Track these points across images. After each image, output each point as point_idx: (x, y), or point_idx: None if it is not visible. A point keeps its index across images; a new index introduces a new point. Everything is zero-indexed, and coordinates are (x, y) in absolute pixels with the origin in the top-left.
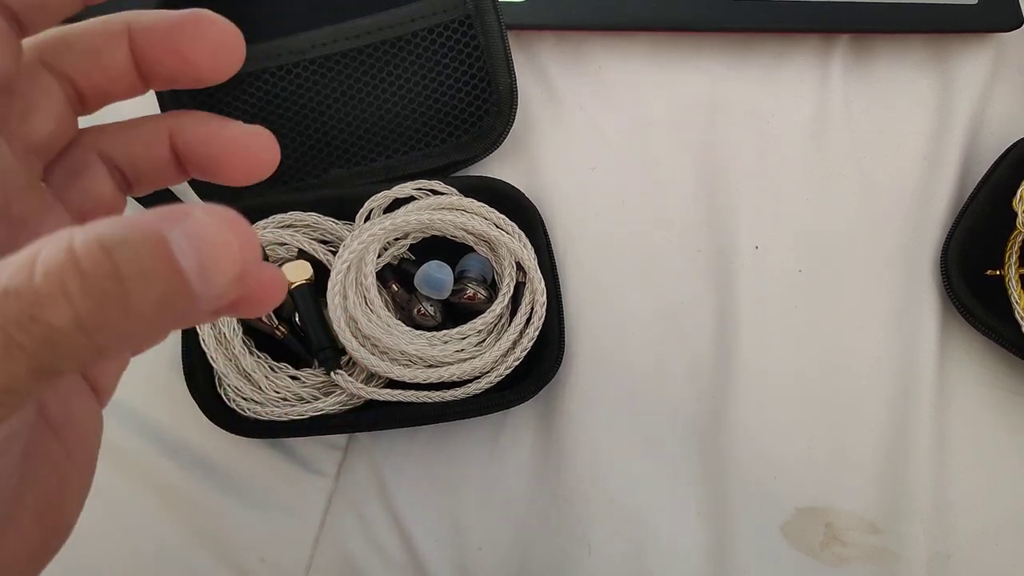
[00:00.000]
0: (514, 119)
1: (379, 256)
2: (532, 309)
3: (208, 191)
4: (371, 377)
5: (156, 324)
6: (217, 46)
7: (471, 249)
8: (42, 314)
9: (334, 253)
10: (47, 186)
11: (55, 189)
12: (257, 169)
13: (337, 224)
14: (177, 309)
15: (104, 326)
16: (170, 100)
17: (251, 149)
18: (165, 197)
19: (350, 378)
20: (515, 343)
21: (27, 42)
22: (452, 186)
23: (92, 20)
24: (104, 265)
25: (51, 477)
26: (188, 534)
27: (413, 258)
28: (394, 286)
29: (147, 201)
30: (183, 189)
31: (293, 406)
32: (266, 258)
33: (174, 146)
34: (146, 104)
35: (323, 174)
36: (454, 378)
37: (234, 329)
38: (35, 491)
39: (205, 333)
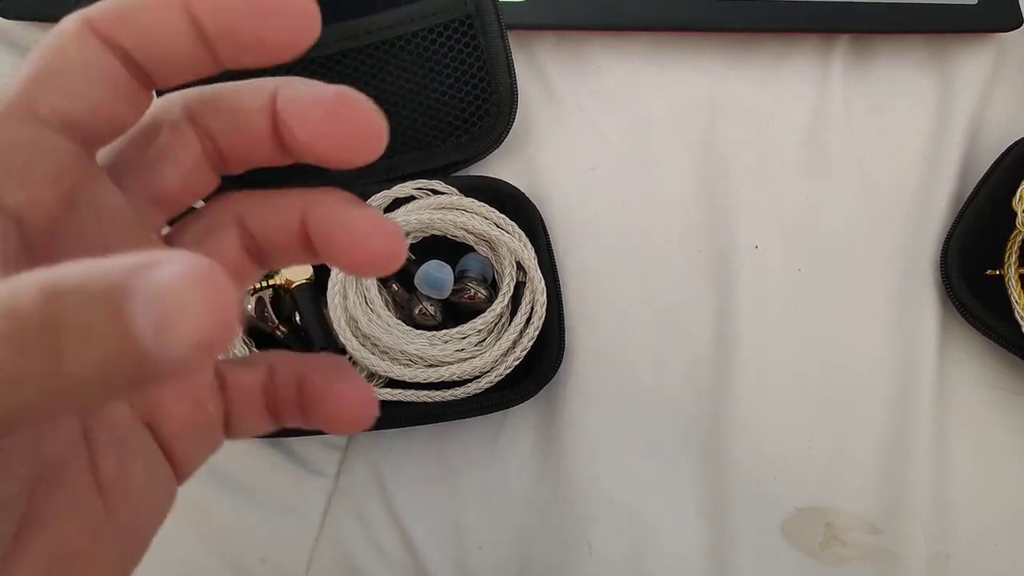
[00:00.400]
0: (514, 119)
1: None
2: (532, 309)
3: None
4: (371, 377)
5: (95, 387)
6: (359, 136)
7: (471, 249)
8: None
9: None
10: (176, 239)
11: (184, 244)
12: (378, 266)
13: None
14: (123, 374)
15: (25, 380)
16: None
17: (377, 247)
18: None
19: None
20: (515, 343)
21: (177, 94)
22: (452, 186)
23: (249, 80)
24: (42, 315)
25: (74, 532)
26: (188, 534)
27: (413, 257)
28: (394, 286)
29: None
30: None
31: None
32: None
33: (305, 221)
34: None
35: (323, 174)
36: (454, 378)
37: None
38: (45, 538)
39: None
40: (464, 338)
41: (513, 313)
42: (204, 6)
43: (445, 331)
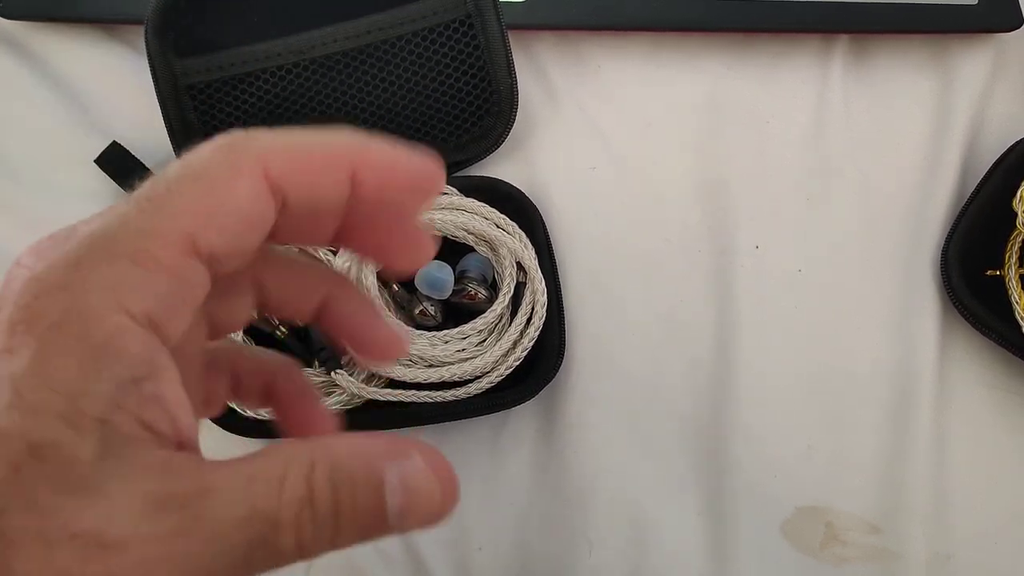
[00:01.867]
0: (514, 119)
1: None
2: (533, 309)
3: None
4: (371, 377)
5: (350, 544)
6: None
7: (471, 249)
8: (276, 538)
9: (335, 253)
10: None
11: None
12: (379, 363)
13: None
14: (368, 537)
15: (315, 550)
16: (171, 101)
17: (383, 351)
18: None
19: (351, 378)
20: (516, 343)
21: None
22: (452, 186)
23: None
24: (331, 503)
25: None
26: None
27: None
28: (395, 286)
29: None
30: None
31: None
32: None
33: (323, 307)
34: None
35: None
36: (455, 378)
37: None
38: None
39: None
40: (464, 338)
41: (513, 313)
42: (369, 175)
43: (445, 331)
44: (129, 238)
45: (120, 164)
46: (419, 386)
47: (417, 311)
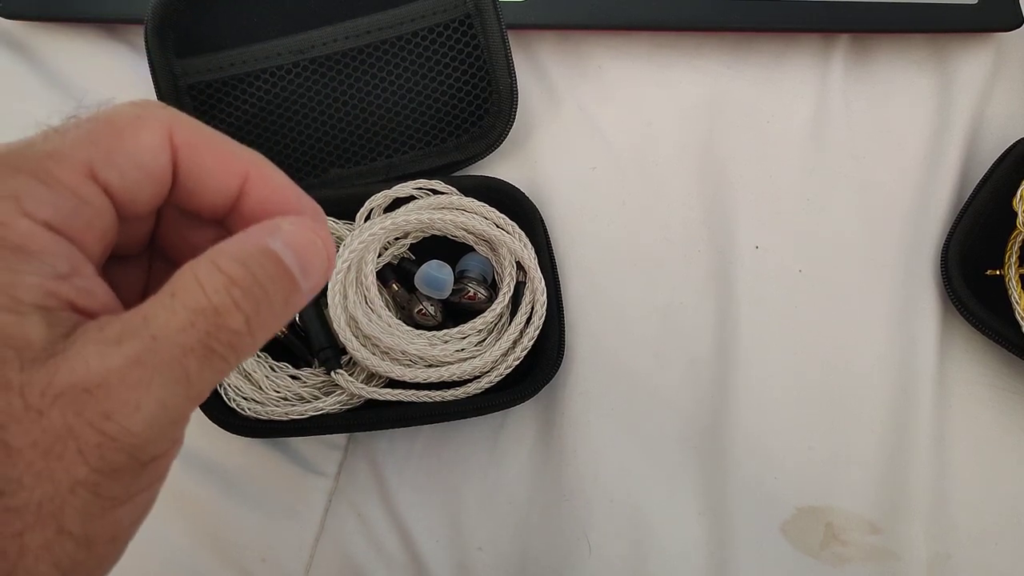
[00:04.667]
0: (514, 118)
1: (379, 256)
2: (532, 309)
3: None
4: (371, 377)
5: (284, 316)
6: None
7: (471, 249)
8: (225, 323)
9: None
10: None
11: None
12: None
13: (337, 224)
14: (294, 302)
15: (261, 323)
16: (171, 101)
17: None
18: None
19: (350, 378)
20: (515, 343)
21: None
22: (452, 185)
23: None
24: (249, 277)
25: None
26: (189, 534)
27: (413, 258)
28: (394, 286)
29: None
30: None
31: (293, 406)
32: None
33: (244, 180)
34: None
35: (323, 174)
36: (454, 378)
37: None
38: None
39: None
40: (464, 338)
41: (513, 313)
42: (259, 189)
43: (445, 331)
44: (33, 158)
45: None
46: (419, 386)
47: (417, 311)
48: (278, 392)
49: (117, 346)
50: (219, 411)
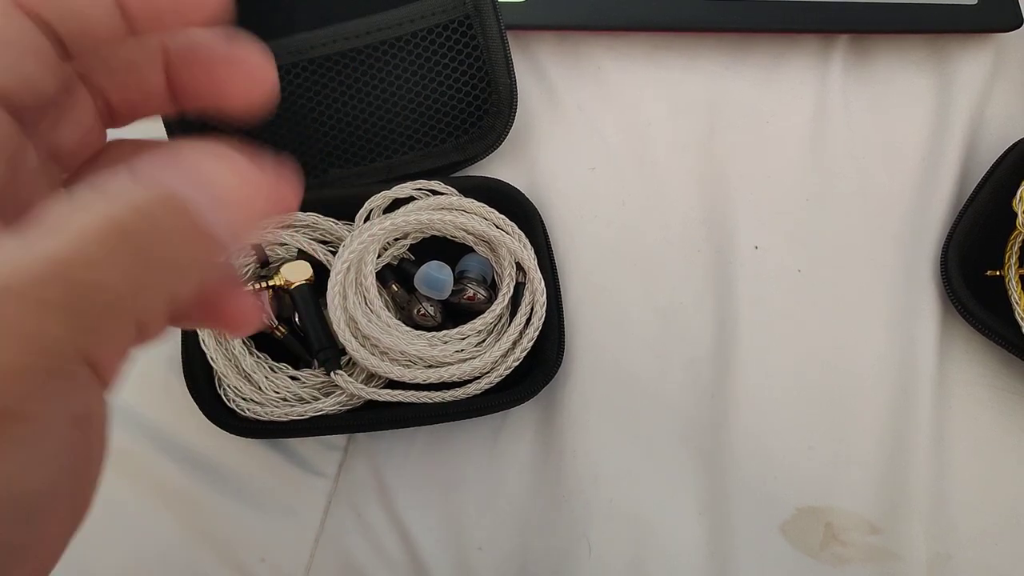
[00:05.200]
0: (514, 119)
1: (379, 256)
2: (532, 309)
3: None
4: (371, 377)
5: (191, 275)
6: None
7: (471, 249)
8: (99, 278)
9: (334, 253)
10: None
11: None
12: (254, 94)
13: (337, 224)
14: (205, 256)
15: (157, 284)
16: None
17: (251, 71)
18: None
19: (350, 378)
20: (515, 343)
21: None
22: (452, 186)
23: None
24: (142, 223)
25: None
26: (188, 534)
27: (413, 258)
28: (394, 286)
29: None
30: None
31: (293, 406)
32: (266, 261)
33: (169, 66)
34: None
35: (323, 174)
36: (454, 378)
37: None
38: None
39: (204, 333)
40: (464, 339)
41: (513, 314)
42: None
43: (445, 332)
44: None
45: None
46: (418, 386)
47: (416, 311)
48: (277, 393)
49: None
50: (219, 412)
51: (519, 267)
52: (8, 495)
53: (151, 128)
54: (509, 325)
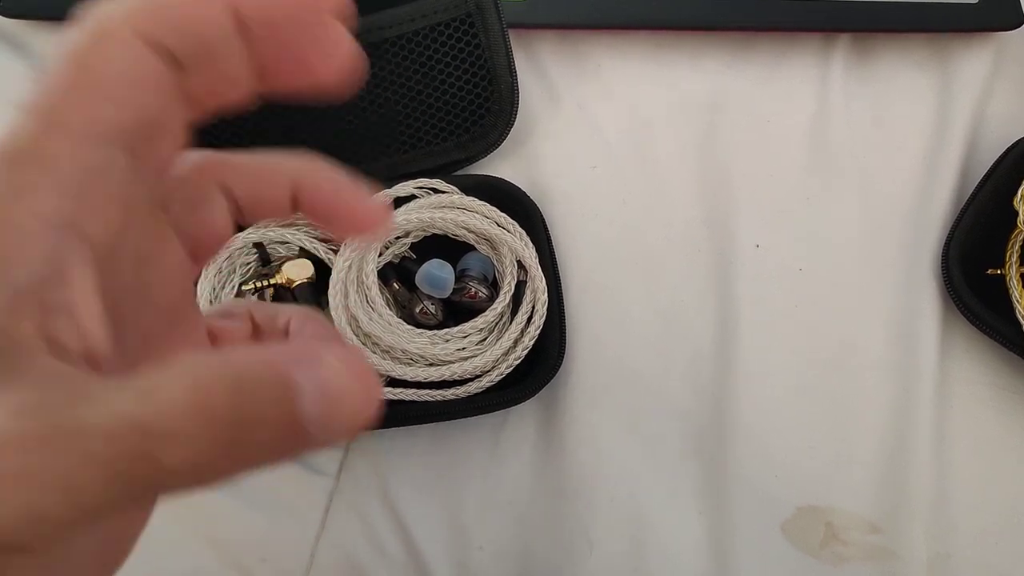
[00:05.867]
0: (515, 118)
1: (380, 255)
2: (533, 308)
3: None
4: None
5: (257, 464)
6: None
7: (472, 248)
8: (160, 453)
9: (335, 252)
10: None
11: (172, 217)
12: (365, 238)
13: None
14: (285, 452)
15: (221, 470)
16: None
17: (368, 223)
18: None
19: None
20: (516, 342)
21: (202, 154)
22: (453, 185)
23: (266, 157)
24: (231, 409)
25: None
26: (189, 534)
27: (414, 257)
28: (395, 285)
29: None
30: None
31: None
32: (268, 260)
33: (295, 192)
34: None
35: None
36: (455, 377)
37: None
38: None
39: None
40: (465, 337)
41: (514, 312)
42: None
43: (446, 330)
44: (29, 140)
45: None
46: (419, 384)
47: (418, 310)
48: None
49: (18, 417)
50: None
51: (520, 265)
52: None
53: None
54: (510, 323)
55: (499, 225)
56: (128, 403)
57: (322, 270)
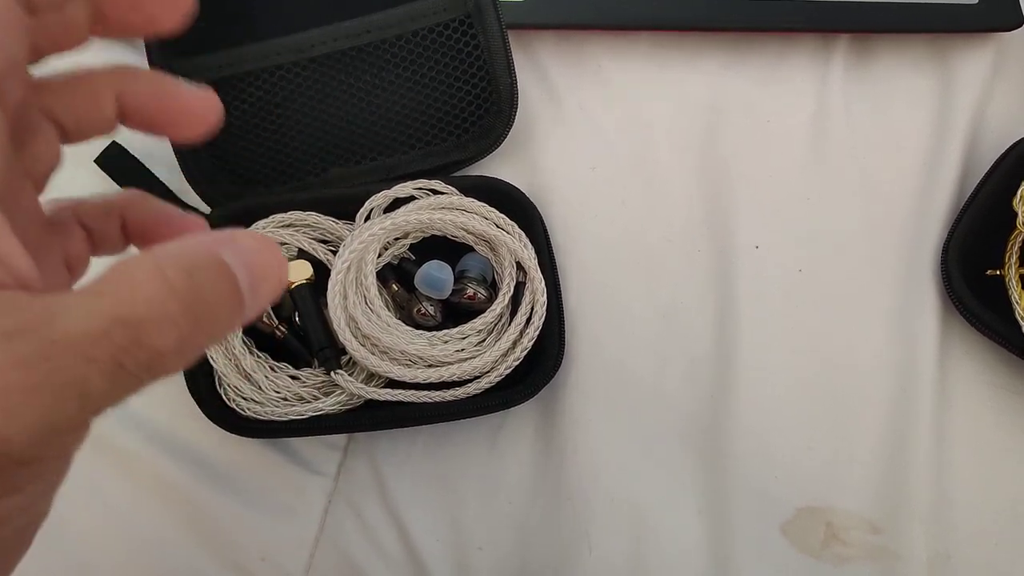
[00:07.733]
0: (514, 118)
1: (379, 256)
2: (532, 309)
3: (211, 195)
4: (371, 377)
5: (219, 337)
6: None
7: (471, 249)
8: (150, 340)
9: (334, 253)
10: None
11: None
12: (200, 131)
13: (337, 224)
14: (236, 321)
15: (194, 344)
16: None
17: (198, 113)
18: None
19: (350, 378)
20: (515, 343)
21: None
22: (452, 185)
23: (81, 71)
24: (194, 291)
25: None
26: (188, 534)
27: (413, 258)
28: (394, 286)
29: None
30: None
31: (293, 406)
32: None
33: (119, 102)
34: None
35: (323, 173)
36: (454, 378)
37: None
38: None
39: None
40: (464, 338)
41: (513, 313)
42: None
43: (445, 331)
44: None
45: (119, 164)
46: (418, 386)
47: (417, 311)
48: (278, 392)
49: (6, 341)
50: (219, 411)
51: (519, 266)
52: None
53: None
54: (509, 324)
55: (498, 226)
56: (107, 305)
57: (321, 271)
